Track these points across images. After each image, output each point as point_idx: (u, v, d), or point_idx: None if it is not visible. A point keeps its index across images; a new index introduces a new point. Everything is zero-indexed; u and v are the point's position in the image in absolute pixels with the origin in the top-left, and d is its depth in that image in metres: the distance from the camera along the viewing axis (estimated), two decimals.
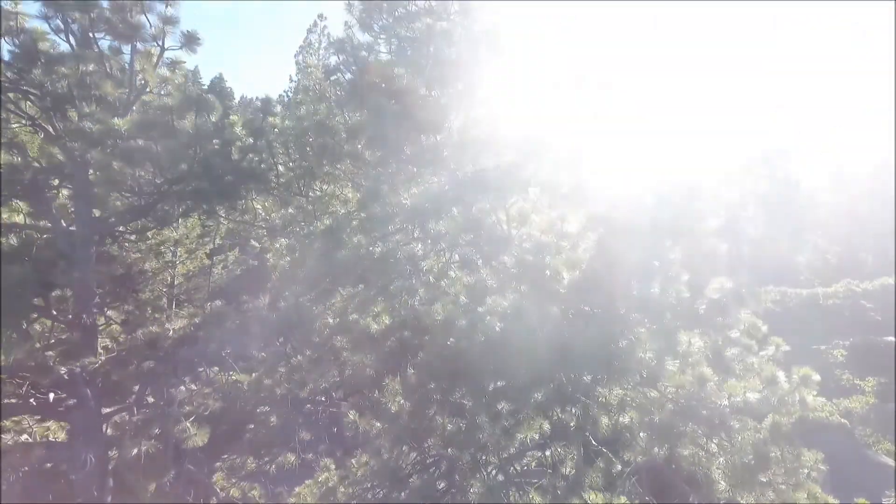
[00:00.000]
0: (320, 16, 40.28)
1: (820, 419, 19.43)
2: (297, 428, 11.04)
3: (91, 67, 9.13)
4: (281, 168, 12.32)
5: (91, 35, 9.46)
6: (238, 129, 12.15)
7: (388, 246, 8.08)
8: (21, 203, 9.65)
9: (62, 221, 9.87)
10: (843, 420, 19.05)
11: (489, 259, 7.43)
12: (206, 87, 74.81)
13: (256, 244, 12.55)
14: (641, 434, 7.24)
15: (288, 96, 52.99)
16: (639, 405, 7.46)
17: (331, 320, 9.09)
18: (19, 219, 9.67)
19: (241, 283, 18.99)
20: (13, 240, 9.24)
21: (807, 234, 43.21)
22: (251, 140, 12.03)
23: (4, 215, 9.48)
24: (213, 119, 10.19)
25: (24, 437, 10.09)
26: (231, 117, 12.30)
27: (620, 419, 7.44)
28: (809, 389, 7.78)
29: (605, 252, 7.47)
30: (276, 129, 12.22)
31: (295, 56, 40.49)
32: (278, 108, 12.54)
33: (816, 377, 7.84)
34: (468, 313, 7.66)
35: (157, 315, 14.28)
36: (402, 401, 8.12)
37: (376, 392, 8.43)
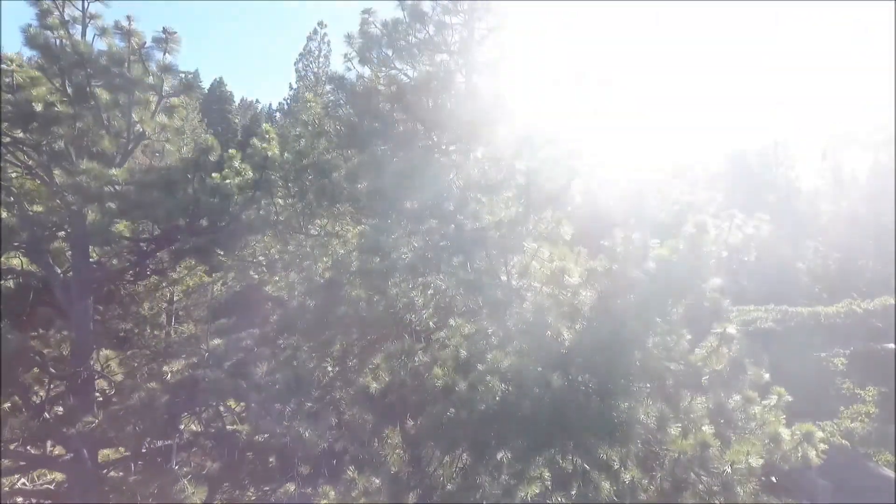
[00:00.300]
0: (320, 23, 40.42)
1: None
2: (296, 464, 10.99)
3: (88, 123, 9.05)
4: (280, 201, 12.28)
5: (88, 89, 9.37)
6: (237, 163, 12.11)
7: (387, 300, 8.02)
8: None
9: (58, 270, 9.82)
10: (844, 441, 19.01)
11: (490, 318, 7.38)
12: (206, 90, 74.79)
13: (255, 275, 12.50)
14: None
15: (287, 104, 52.92)
16: (640, 461, 7.44)
17: (329, 368, 9.07)
18: (16, 262, 9.63)
19: (241, 300, 18.96)
20: (10, 283, 9.19)
21: (808, 239, 43.16)
22: (251, 173, 11.99)
23: (2, 258, 9.43)
24: (213, 158, 10.14)
25: (23, 481, 10.07)
26: (230, 151, 12.25)
27: (623, 477, 7.42)
28: (811, 445, 7.76)
29: (607, 309, 7.42)
30: (276, 163, 12.17)
31: (295, 63, 40.63)
32: (275, 140, 12.48)
33: (819, 433, 7.81)
34: (468, 370, 7.62)
35: (155, 337, 14.22)
36: (401, 453, 8.09)
37: (375, 442, 8.40)
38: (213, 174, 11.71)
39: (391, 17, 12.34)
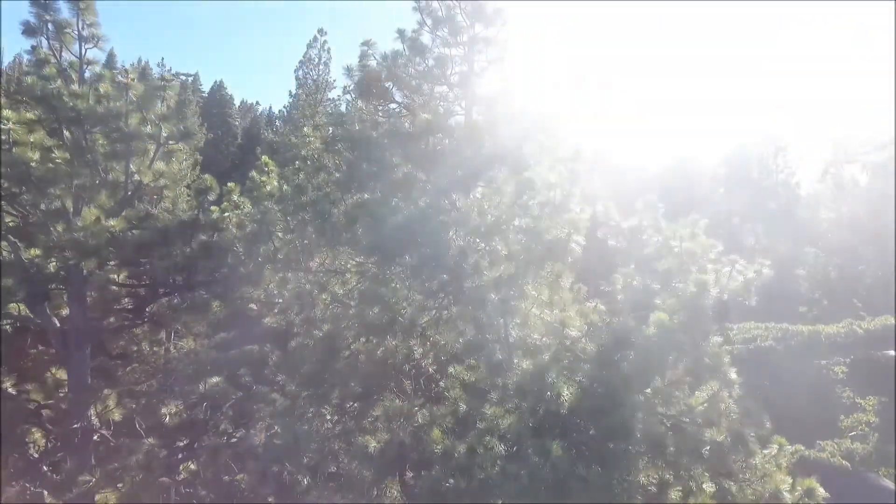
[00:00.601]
0: (320, 30, 40.33)
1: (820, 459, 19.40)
2: None
3: (85, 180, 9.00)
4: (280, 234, 12.21)
5: (85, 142, 9.30)
6: (236, 197, 12.06)
7: (387, 350, 7.98)
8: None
9: (55, 321, 9.78)
10: (844, 462, 18.96)
11: (490, 382, 7.33)
12: (205, 94, 74.49)
13: (254, 306, 12.42)
14: None
15: (287, 111, 52.83)
16: None
17: (328, 416, 9.02)
18: (13, 306, 9.58)
19: (240, 320, 18.91)
20: (7, 328, 9.15)
21: (808, 246, 43.12)
22: (250, 206, 11.93)
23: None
24: (212, 197, 10.09)
25: None
26: (229, 185, 12.20)
27: None
28: (813, 500, 7.73)
29: (607, 367, 7.37)
30: (275, 197, 12.12)
31: (295, 71, 40.47)
32: (273, 172, 12.41)
33: (821, 491, 7.79)
34: (467, 426, 7.58)
35: (154, 354, 14.11)
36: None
37: (375, 492, 8.37)
38: (213, 208, 11.67)
39: (391, 48, 12.30)
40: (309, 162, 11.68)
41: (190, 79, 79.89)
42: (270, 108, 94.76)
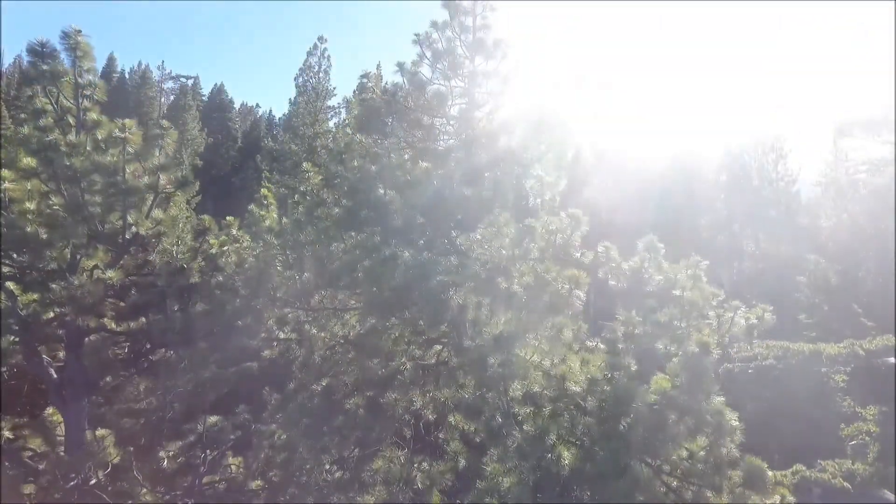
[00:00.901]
0: (320, 38, 40.14)
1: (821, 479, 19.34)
2: None
3: (81, 239, 8.93)
4: (279, 267, 12.15)
5: (82, 199, 9.21)
6: (235, 231, 12.00)
7: (386, 404, 7.92)
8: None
9: (52, 371, 9.72)
10: (845, 484, 18.92)
11: (489, 442, 7.27)
12: (206, 98, 74.40)
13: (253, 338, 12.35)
14: None
15: (287, 117, 52.69)
16: None
17: (327, 467, 8.98)
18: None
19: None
20: (5, 374, 9.09)
21: (809, 253, 43.03)
22: (249, 240, 11.88)
23: None
24: (211, 241, 10.03)
25: None
26: (228, 218, 12.13)
27: None
28: None
29: (608, 425, 7.32)
30: (274, 231, 12.07)
31: (295, 79, 40.30)
32: (273, 205, 12.35)
33: None
34: (468, 482, 7.53)
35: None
36: None
37: None
38: (212, 242, 11.59)
39: (391, 80, 12.26)
40: (308, 197, 11.60)
41: (190, 81, 79.96)
42: (270, 111, 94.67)
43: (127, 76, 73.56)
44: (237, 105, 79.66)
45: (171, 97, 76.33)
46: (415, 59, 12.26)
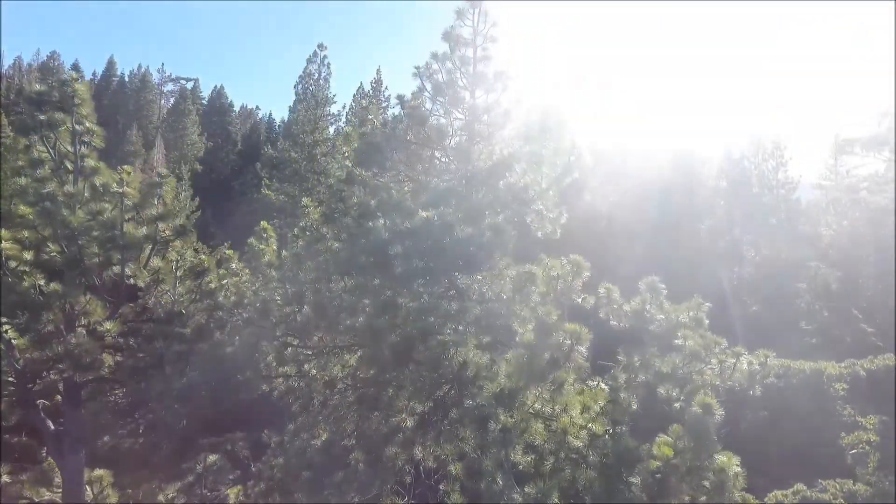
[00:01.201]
0: (320, 45, 40.08)
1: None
2: None
3: (78, 299, 8.88)
4: (278, 299, 12.10)
5: (80, 255, 9.15)
6: (234, 265, 11.94)
7: (385, 459, 7.87)
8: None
9: (50, 423, 9.67)
10: None
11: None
12: (205, 102, 74.28)
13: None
14: None
15: (287, 124, 52.61)
16: None
17: None
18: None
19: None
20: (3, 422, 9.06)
21: (809, 261, 42.99)
22: (248, 275, 11.83)
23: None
24: (211, 282, 9.99)
25: None
26: (228, 252, 12.07)
27: None
28: None
29: (610, 484, 7.29)
30: (273, 265, 12.02)
31: (294, 86, 40.21)
32: (273, 238, 12.31)
33: None
34: None
35: None
36: None
37: None
38: (211, 277, 11.55)
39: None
40: (308, 232, 11.56)
41: (190, 84, 79.78)
42: (270, 114, 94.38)
43: (127, 79, 73.42)
44: (237, 107, 79.53)
45: (171, 99, 76.25)
46: (415, 90, 12.21)
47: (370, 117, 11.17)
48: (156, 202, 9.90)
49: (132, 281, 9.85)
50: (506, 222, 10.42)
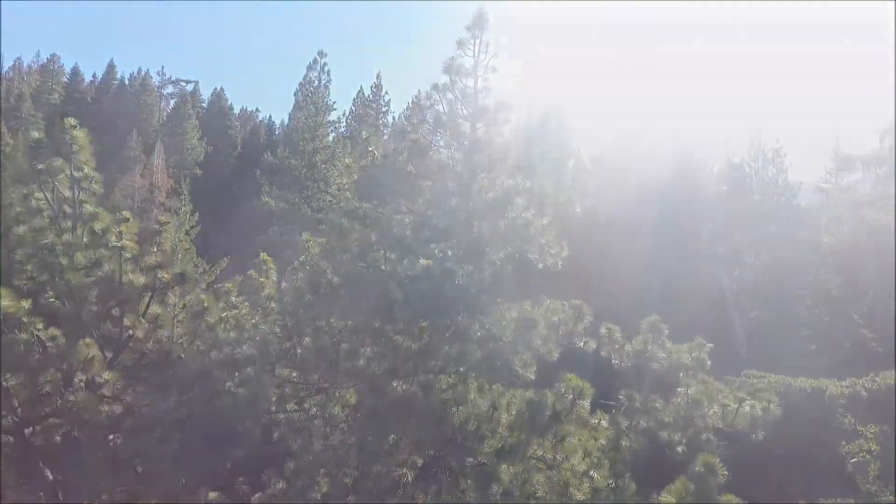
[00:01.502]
0: (320, 53, 40.03)
1: None
2: None
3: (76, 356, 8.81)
4: (277, 330, 12.07)
5: (79, 312, 9.09)
6: (234, 297, 11.91)
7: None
8: None
9: (48, 473, 9.62)
10: None
11: None
12: (205, 105, 74.10)
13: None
14: None
15: (287, 130, 52.59)
16: None
17: None
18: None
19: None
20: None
21: (809, 267, 42.97)
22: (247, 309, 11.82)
23: None
24: (211, 319, 9.96)
25: None
26: (227, 285, 12.04)
27: None
28: None
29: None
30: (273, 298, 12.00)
31: (294, 94, 40.20)
32: (273, 269, 12.30)
33: None
34: None
35: None
36: None
37: None
38: (210, 316, 11.49)
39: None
40: (308, 267, 11.51)
41: (190, 86, 79.55)
42: (270, 116, 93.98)
43: (127, 82, 73.23)
44: (237, 110, 79.29)
45: (172, 102, 76.12)
46: (415, 122, 12.17)
47: (371, 149, 11.17)
48: (155, 250, 9.86)
49: (131, 332, 9.79)
50: (507, 259, 10.40)
